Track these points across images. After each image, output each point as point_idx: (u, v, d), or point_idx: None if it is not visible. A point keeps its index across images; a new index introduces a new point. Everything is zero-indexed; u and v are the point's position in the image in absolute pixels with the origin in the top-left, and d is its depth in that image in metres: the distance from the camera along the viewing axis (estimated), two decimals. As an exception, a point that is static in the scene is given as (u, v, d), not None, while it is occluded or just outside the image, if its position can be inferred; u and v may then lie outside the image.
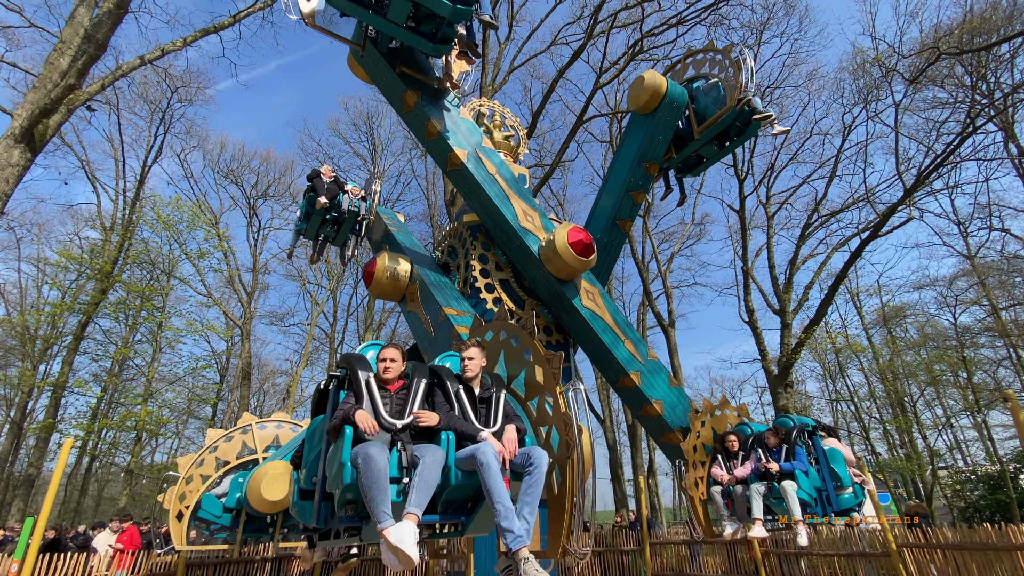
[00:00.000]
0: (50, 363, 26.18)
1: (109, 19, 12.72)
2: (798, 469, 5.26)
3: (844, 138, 24.66)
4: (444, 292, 6.01)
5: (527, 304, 6.48)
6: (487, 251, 6.61)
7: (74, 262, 24.38)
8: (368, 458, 2.68)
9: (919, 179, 19.43)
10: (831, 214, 25.55)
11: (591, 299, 6.11)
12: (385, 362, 3.30)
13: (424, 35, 5.27)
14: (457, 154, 6.00)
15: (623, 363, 5.88)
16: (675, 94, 6.26)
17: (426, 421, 3.06)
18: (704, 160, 6.87)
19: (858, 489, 5.55)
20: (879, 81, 22.60)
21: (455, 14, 4.96)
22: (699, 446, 5.79)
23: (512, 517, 2.71)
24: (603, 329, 5.98)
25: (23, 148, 11.43)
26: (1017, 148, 21.73)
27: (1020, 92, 19.81)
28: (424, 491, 2.74)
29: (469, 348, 3.52)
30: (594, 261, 5.87)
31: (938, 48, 18.27)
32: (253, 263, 30.66)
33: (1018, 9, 18.68)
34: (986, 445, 27.02)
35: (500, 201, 6.05)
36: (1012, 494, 19.27)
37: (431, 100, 6.09)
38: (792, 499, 5.07)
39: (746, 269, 24.61)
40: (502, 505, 2.71)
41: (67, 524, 18.25)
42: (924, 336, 28.70)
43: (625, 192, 6.71)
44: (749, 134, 6.40)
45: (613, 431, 31.94)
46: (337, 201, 7.81)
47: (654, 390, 5.96)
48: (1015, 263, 24.10)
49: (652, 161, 6.57)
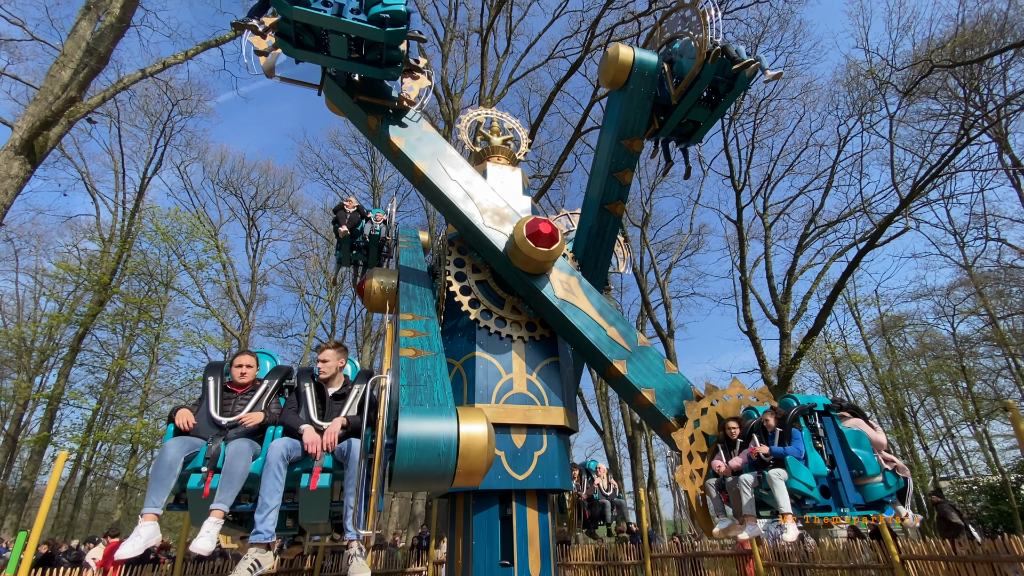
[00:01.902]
0: (46, 375, 26.03)
1: (111, 33, 12.85)
2: (791, 455, 4.63)
3: (840, 149, 24.91)
4: (410, 300, 5.92)
5: (507, 302, 6.37)
6: (463, 255, 6.56)
7: (72, 273, 24.35)
8: (161, 451, 3.12)
9: (915, 190, 19.57)
10: (828, 224, 25.70)
11: (566, 289, 5.96)
12: (241, 368, 3.76)
13: (372, 63, 5.58)
14: (418, 167, 6.17)
15: (605, 352, 5.65)
16: (643, 62, 5.82)
17: (247, 420, 3.41)
18: (700, 125, 6.36)
19: (890, 477, 4.71)
20: (873, 93, 22.88)
21: (389, 37, 5.19)
22: (698, 435, 5.29)
23: (264, 512, 3.03)
24: (580, 318, 5.79)
25: (23, 160, 11.47)
26: (1011, 159, 21.92)
27: (1013, 103, 20.04)
28: (226, 485, 3.05)
29: (324, 351, 3.96)
30: (559, 250, 5.69)
31: (931, 61, 18.52)
32: (252, 274, 30.65)
33: (1009, 23, 18.96)
34: (987, 455, 26.89)
35: (461, 203, 6.13)
36: (1014, 504, 19.15)
37: (391, 121, 6.32)
38: (779, 489, 4.49)
39: (744, 279, 24.65)
40: (261, 500, 3.07)
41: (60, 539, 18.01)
42: (923, 346, 28.71)
43: (609, 174, 6.43)
44: (738, 88, 5.86)
45: (613, 443, 31.75)
46: (359, 229, 8.43)
47: (644, 378, 5.63)
48: (1012, 273, 24.20)
49: (634, 137, 6.20)
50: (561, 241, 5.76)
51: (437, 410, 3.80)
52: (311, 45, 5.39)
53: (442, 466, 3.52)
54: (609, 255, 7.08)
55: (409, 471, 3.49)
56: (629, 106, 6.02)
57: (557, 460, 5.65)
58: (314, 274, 33.53)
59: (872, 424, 4.97)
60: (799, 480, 4.50)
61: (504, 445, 5.53)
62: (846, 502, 4.62)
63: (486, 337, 6.14)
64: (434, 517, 11.68)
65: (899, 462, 4.83)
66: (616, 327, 5.88)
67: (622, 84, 5.98)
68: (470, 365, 6.01)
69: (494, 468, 5.43)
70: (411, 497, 26.51)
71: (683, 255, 32.41)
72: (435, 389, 4.23)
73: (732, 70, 5.66)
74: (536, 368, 6.06)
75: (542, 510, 5.61)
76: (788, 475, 4.54)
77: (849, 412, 5.11)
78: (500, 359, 6.03)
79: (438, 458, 3.54)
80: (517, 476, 5.41)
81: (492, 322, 6.19)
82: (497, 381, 5.87)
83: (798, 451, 4.66)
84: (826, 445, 4.85)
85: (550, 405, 5.85)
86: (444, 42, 27.03)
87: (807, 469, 4.59)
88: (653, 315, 27.55)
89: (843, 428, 4.93)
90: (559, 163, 24.09)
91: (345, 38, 5.23)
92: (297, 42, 5.35)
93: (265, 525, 3.02)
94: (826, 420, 4.99)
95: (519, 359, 6.06)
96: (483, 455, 3.60)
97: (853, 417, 5.07)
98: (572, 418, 6.19)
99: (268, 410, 3.58)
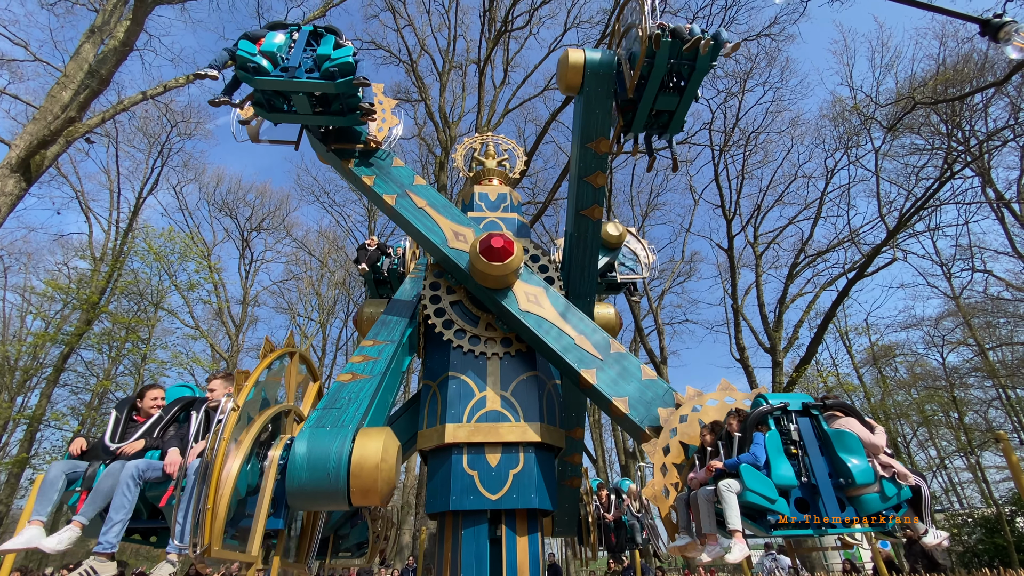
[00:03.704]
0: (28, 395, 25.44)
1: (114, 56, 13.05)
2: (745, 462, 4.03)
3: (827, 181, 25.47)
4: (380, 327, 6.21)
5: (482, 319, 6.39)
6: (439, 278, 6.67)
7: (61, 292, 24.06)
8: (46, 471, 3.64)
9: (901, 222, 19.96)
10: (817, 254, 26.05)
11: (532, 300, 5.93)
12: (156, 400, 4.18)
13: (336, 113, 6.20)
14: (386, 200, 6.62)
15: (572, 362, 5.49)
16: (595, 62, 5.72)
17: (127, 448, 3.79)
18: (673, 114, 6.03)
19: (888, 486, 3.98)
20: (858, 128, 23.53)
21: (339, 87, 5.77)
22: (675, 446, 4.74)
23: (109, 525, 3.41)
24: (547, 329, 5.70)
25: (18, 178, 11.47)
26: (995, 192, 22.48)
27: (995, 139, 20.67)
28: (90, 503, 3.51)
29: (212, 381, 4.26)
30: (515, 263, 5.71)
31: (913, 98, 19.14)
32: (243, 295, 30.46)
33: (989, 62, 19.70)
34: (981, 487, 26.75)
35: (428, 231, 6.42)
36: (1010, 538, 18.94)
37: (362, 160, 6.85)
38: (727, 503, 3.92)
39: (736, 307, 24.80)
40: (108, 514, 3.46)
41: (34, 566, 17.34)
42: (914, 376, 28.82)
43: (580, 179, 6.41)
44: (701, 68, 5.43)
45: (606, 471, 31.32)
46: (379, 265, 8.97)
47: (617, 386, 5.32)
48: (999, 304, 24.52)
49: (599, 138, 6.12)
50: (517, 254, 5.76)
51: (334, 431, 4.11)
52: (283, 108, 6.11)
53: (332, 484, 3.84)
54: (594, 261, 6.98)
55: (300, 488, 3.87)
56: (589, 108, 5.93)
57: (535, 479, 5.48)
58: (306, 296, 33.40)
59: (870, 423, 4.32)
60: (754, 491, 3.90)
61: (477, 465, 5.46)
62: (826, 515, 3.91)
63: (460, 356, 6.15)
64: (421, 549, 11.39)
65: (900, 467, 4.08)
66: (587, 336, 5.72)
67: (579, 87, 5.90)
68: (444, 385, 6.01)
69: (467, 488, 5.35)
70: (399, 527, 25.85)
71: (675, 282, 32.66)
72: (347, 411, 4.54)
73: (684, 51, 5.27)
74: (511, 384, 5.98)
75: (532, 532, 5.49)
76: (742, 486, 3.95)
77: (840, 411, 4.44)
78: (474, 378, 6.01)
79: (327, 476, 3.84)
80: (490, 496, 5.30)
81: (466, 341, 6.22)
82: (470, 400, 5.84)
83: (754, 458, 4.06)
84: (803, 450, 4.18)
85: (525, 421, 5.71)
86: (442, 72, 27.66)
87: (766, 479, 3.97)
88: (646, 341, 27.56)
89: (828, 429, 4.27)
90: (553, 190, 24.44)
91: (305, 96, 5.89)
92: (270, 107, 6.10)
93: (107, 537, 3.36)
94: (803, 421, 4.35)
95: (493, 376, 6.01)
96: (374, 473, 3.84)
97: (845, 416, 4.41)
98: (555, 434, 6.00)
99: (151, 436, 3.94)
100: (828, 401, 4.50)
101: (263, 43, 5.70)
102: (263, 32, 5.86)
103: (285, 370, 4.69)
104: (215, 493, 3.26)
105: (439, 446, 5.66)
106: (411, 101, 29.68)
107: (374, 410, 4.87)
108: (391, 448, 4.01)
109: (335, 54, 5.79)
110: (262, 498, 3.72)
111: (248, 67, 5.56)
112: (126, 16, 14.10)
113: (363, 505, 3.98)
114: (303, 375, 5.12)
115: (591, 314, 7.19)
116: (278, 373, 4.63)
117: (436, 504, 5.55)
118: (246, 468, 3.68)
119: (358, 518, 7.42)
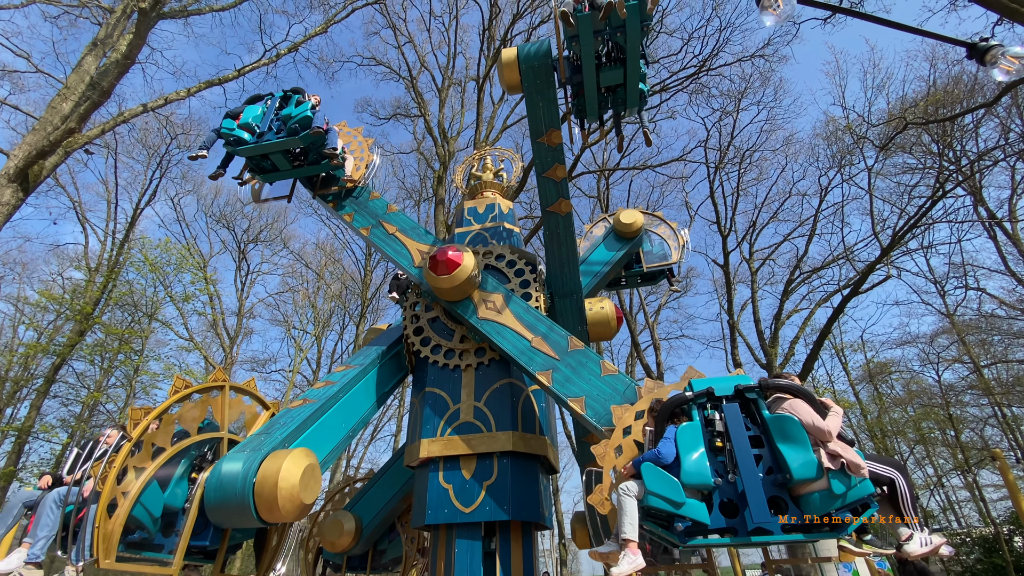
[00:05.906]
0: (17, 407, 25.10)
1: (116, 68, 13.16)
2: (647, 460, 3.51)
3: (821, 199, 25.72)
4: (358, 353, 6.72)
5: (457, 332, 6.45)
6: (420, 298, 6.83)
7: (54, 302, 23.91)
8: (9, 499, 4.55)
9: (894, 239, 20.14)
10: (812, 271, 26.20)
11: (491, 307, 5.94)
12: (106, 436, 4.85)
13: (313, 162, 6.92)
14: (363, 232, 7.16)
15: (525, 363, 5.34)
16: (528, 54, 5.58)
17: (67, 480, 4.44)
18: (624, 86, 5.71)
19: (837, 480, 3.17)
20: (851, 147, 23.86)
21: (303, 140, 6.47)
22: (628, 446, 4.10)
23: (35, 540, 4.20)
24: (504, 335, 5.67)
25: (15, 188, 11.47)
26: (987, 211, 22.73)
27: (986, 159, 20.98)
28: (35, 528, 4.23)
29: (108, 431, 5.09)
30: (462, 275, 5.77)
31: (905, 118, 19.46)
32: (239, 307, 30.33)
33: (979, 83, 20.08)
34: (979, 506, 26.59)
35: (397, 254, 6.85)
36: (1008, 558, 18.80)
37: (342, 200, 7.45)
38: (621, 508, 3.42)
39: (732, 323, 24.84)
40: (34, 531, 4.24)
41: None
42: (910, 393, 28.81)
43: (541, 176, 6.38)
44: (631, 32, 5.09)
45: (601, 487, 31.00)
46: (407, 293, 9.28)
47: (573, 386, 4.99)
48: (993, 322, 24.65)
49: (549, 130, 5.98)
50: (465, 265, 5.79)
51: (250, 455, 4.37)
52: (269, 168, 6.98)
53: (240, 501, 4.15)
54: (572, 257, 6.85)
55: (215, 506, 4.25)
56: (533, 101, 5.80)
57: (510, 489, 5.31)
58: (302, 308, 33.28)
59: (825, 402, 3.62)
60: (655, 494, 3.34)
61: (452, 478, 5.46)
62: (751, 524, 3.26)
63: (436, 371, 6.22)
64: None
65: (851, 455, 3.22)
66: (544, 336, 5.57)
67: (519, 83, 5.75)
68: (423, 401, 6.08)
69: (441, 502, 5.30)
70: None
71: (672, 297, 32.69)
72: (273, 435, 4.73)
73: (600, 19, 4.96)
74: (485, 394, 5.95)
75: (526, 545, 5.43)
76: (642, 489, 3.44)
77: (788, 393, 3.69)
78: (449, 391, 6.05)
79: (235, 495, 4.17)
80: (464, 509, 5.26)
81: (442, 355, 6.30)
82: (444, 413, 5.87)
83: (656, 455, 3.49)
84: (731, 443, 3.55)
85: (497, 431, 5.61)
86: (442, 88, 27.98)
87: (671, 479, 3.38)
88: (643, 357, 27.51)
89: (768, 416, 3.58)
90: (550, 205, 24.55)
91: (280, 154, 6.71)
92: (260, 169, 6.98)
93: (33, 551, 4.17)
94: (730, 408, 3.67)
95: (468, 387, 6.03)
96: (274, 491, 4.10)
97: (793, 399, 3.64)
98: (534, 442, 5.78)
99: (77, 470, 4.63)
100: (771, 382, 3.74)
101: (241, 117, 6.52)
102: (242, 108, 6.75)
103: (215, 402, 5.11)
104: (103, 514, 3.86)
105: (421, 461, 5.70)
106: (410, 116, 30.01)
107: (310, 432, 5.06)
108: (293, 468, 4.21)
109: (295, 111, 6.45)
110: (190, 516, 4.28)
111: (230, 140, 6.45)
112: (129, 29, 14.26)
113: (274, 522, 4.29)
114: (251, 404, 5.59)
115: (580, 312, 7.11)
116: (200, 406, 5.02)
117: (415, 519, 5.59)
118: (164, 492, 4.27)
119: (394, 533, 7.22)
